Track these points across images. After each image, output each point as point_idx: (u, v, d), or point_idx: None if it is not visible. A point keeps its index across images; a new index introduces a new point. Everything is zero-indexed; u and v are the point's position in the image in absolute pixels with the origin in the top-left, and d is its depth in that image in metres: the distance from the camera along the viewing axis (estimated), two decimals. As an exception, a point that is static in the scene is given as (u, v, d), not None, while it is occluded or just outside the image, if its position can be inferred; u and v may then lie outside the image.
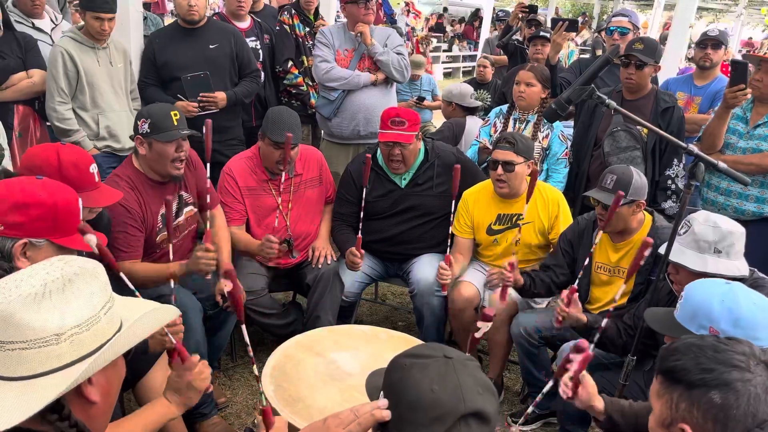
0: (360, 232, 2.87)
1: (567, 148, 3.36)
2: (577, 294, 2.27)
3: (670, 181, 3.13)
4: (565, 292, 2.30)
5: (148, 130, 2.47)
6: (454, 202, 2.76)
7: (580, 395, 1.69)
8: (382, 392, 1.10)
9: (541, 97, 3.43)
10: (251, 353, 1.36)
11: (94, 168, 2.02)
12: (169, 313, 1.18)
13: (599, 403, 1.73)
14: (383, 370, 1.13)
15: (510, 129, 3.48)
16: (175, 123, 2.50)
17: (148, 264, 2.56)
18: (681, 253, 2.03)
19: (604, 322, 1.75)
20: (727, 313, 1.57)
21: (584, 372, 1.61)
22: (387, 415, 1.05)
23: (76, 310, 0.98)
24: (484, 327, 1.43)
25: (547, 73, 3.47)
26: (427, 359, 1.07)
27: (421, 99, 5.99)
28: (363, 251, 2.92)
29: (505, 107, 3.60)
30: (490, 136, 3.55)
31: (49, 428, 0.97)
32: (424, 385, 1.02)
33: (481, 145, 3.51)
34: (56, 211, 1.57)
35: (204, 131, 2.17)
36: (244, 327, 1.31)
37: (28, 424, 0.94)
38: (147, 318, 1.11)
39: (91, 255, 1.28)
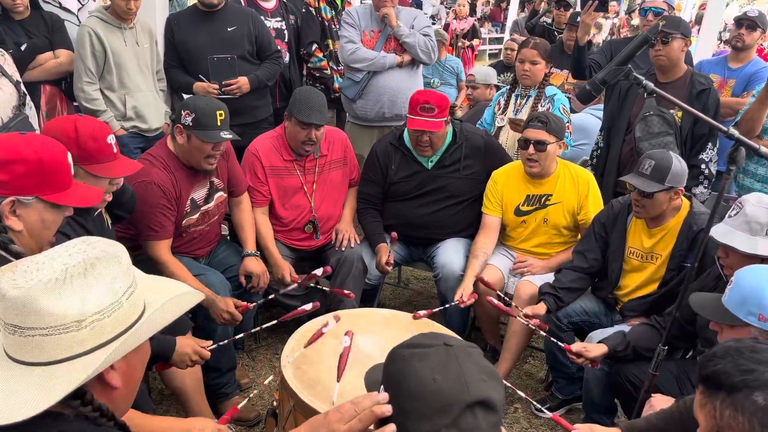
0: (395, 229, 2.89)
1: (568, 121, 3.26)
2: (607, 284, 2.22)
3: (704, 166, 3.02)
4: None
5: (191, 124, 2.45)
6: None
7: None
8: (382, 386, 1.06)
9: (545, 72, 3.36)
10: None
11: (111, 139, 1.99)
12: (194, 298, 1.16)
13: None
14: (382, 365, 1.10)
15: (511, 106, 3.42)
16: (219, 123, 2.47)
17: (185, 273, 2.49)
18: (731, 235, 1.96)
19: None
20: None
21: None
22: (387, 410, 1.02)
23: (97, 297, 0.96)
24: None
25: (549, 48, 3.39)
26: (427, 348, 1.03)
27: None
28: (392, 260, 2.94)
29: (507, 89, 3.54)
30: (494, 114, 3.49)
31: (70, 411, 0.97)
32: (425, 375, 0.98)
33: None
34: (42, 167, 1.51)
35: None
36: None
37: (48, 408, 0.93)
38: (171, 303, 1.09)
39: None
